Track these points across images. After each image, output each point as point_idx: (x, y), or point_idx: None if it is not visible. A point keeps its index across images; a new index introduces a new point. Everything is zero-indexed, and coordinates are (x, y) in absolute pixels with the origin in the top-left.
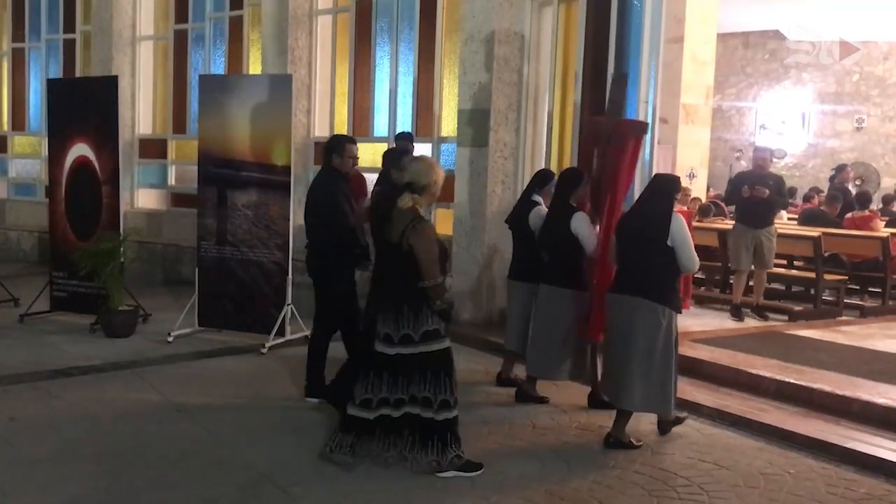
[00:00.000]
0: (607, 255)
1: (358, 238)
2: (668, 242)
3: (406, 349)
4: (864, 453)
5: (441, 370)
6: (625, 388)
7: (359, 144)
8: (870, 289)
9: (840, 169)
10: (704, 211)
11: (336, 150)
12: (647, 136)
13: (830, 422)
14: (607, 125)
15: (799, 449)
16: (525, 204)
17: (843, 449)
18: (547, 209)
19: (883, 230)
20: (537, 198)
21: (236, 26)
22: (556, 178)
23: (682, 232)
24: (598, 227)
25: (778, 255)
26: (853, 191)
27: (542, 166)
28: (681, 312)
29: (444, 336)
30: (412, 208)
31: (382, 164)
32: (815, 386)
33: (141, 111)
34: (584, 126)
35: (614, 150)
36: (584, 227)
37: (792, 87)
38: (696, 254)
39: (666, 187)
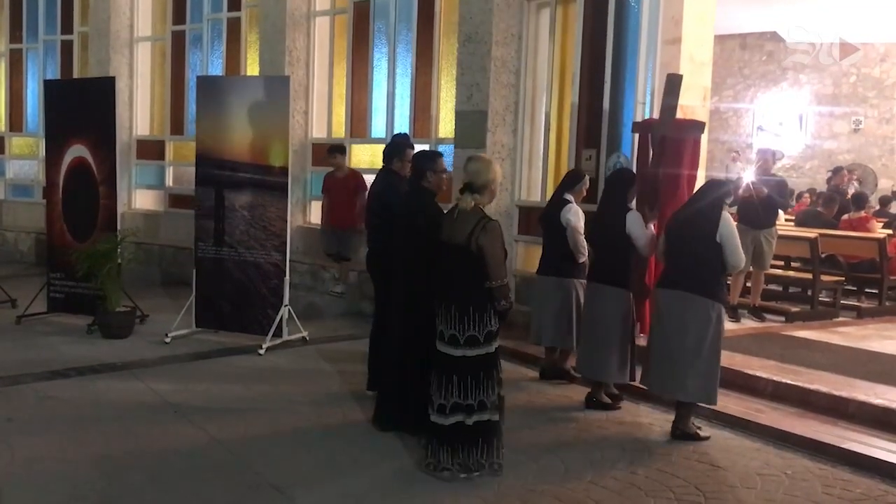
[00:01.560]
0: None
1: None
2: (717, 238)
3: (471, 351)
4: (860, 454)
5: (493, 370)
6: (678, 379)
7: (356, 146)
8: (866, 290)
9: (836, 171)
10: None
11: (397, 153)
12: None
13: (827, 422)
14: (660, 127)
15: (795, 450)
16: (557, 203)
17: (839, 449)
18: (577, 207)
19: (879, 231)
20: (569, 196)
21: (234, 27)
22: (586, 178)
23: (730, 229)
24: (653, 226)
25: (775, 256)
26: (853, 191)
27: (540, 168)
28: (727, 306)
29: (498, 335)
30: (476, 208)
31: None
32: (811, 387)
33: (138, 112)
34: (639, 126)
35: (672, 151)
36: (638, 227)
37: (789, 88)
38: (742, 252)
39: (718, 190)
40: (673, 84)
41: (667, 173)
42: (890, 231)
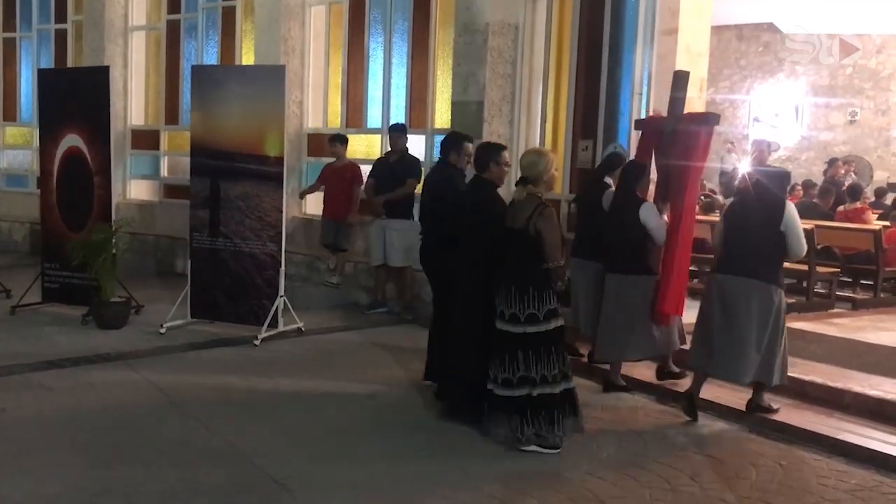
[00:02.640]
0: (680, 238)
1: None
2: (781, 228)
3: (532, 328)
4: (855, 445)
5: (559, 345)
6: (741, 362)
7: (351, 136)
8: (862, 281)
9: (832, 163)
10: (708, 207)
11: (454, 147)
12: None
13: (822, 413)
14: (669, 120)
15: (790, 440)
16: (597, 186)
17: (834, 440)
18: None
19: (875, 223)
20: (608, 180)
21: (229, 16)
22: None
23: (794, 219)
24: (665, 216)
25: None
26: (849, 182)
27: None
28: (785, 289)
29: (560, 314)
30: (532, 196)
31: (478, 158)
32: (806, 378)
33: (133, 102)
34: (642, 124)
35: (686, 142)
36: (652, 217)
37: (785, 79)
38: (804, 240)
39: (780, 179)
40: (680, 80)
41: (680, 165)
42: (885, 222)
